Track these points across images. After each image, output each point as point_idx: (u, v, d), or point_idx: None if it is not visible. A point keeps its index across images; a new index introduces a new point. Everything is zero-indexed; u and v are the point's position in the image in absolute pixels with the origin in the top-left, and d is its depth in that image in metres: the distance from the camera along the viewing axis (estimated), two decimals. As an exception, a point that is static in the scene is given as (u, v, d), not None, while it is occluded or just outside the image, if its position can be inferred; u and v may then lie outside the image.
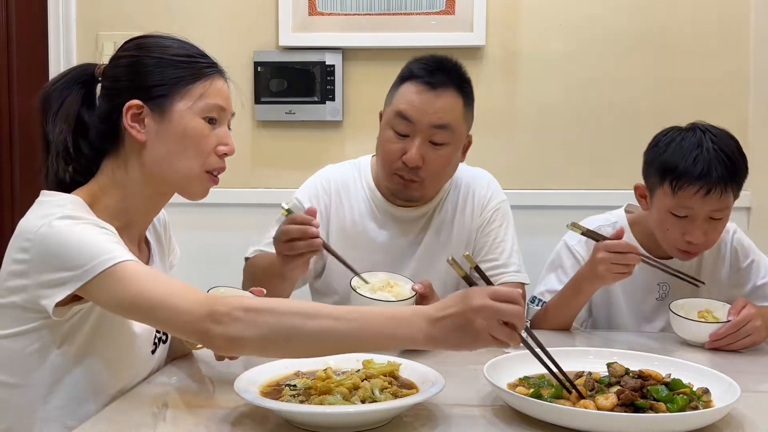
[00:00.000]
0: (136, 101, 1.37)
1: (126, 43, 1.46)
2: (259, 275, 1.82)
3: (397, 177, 1.86)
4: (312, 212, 1.64)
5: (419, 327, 1.17)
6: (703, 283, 1.91)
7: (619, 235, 1.77)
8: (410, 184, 1.86)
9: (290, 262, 1.63)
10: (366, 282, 1.70)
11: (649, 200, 1.89)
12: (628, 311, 1.96)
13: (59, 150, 1.40)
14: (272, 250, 1.70)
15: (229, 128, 1.48)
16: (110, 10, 2.69)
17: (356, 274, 1.70)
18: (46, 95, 1.43)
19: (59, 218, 1.26)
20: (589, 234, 1.79)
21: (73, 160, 1.41)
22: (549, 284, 1.97)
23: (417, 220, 1.98)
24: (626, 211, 2.03)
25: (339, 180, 2.00)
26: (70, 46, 2.67)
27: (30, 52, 2.70)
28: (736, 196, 1.82)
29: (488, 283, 1.32)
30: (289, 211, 1.64)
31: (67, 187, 1.40)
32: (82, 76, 1.44)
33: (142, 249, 1.50)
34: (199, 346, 1.58)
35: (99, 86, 1.44)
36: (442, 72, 1.84)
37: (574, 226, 1.81)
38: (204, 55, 1.45)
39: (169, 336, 1.56)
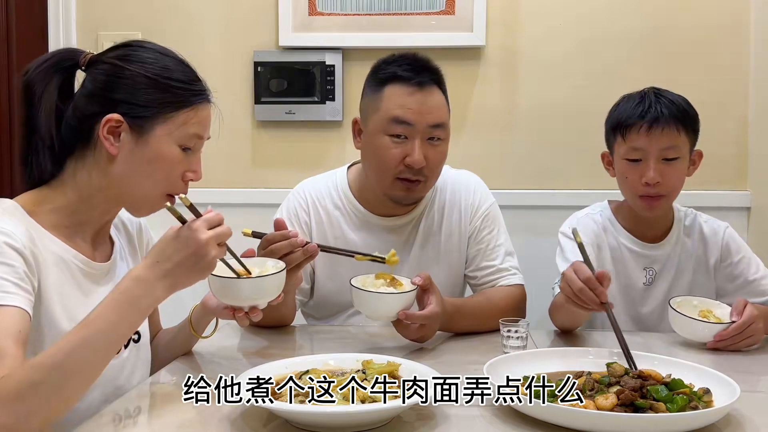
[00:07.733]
0: (116, 116, 1.34)
1: (121, 46, 1.41)
2: None
3: (400, 182, 1.84)
4: (281, 224, 1.64)
5: (148, 283, 1.23)
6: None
7: (602, 276, 1.57)
8: (415, 186, 1.85)
9: (289, 278, 1.60)
10: (382, 259, 1.70)
11: (614, 165, 1.97)
12: (619, 297, 1.98)
13: (46, 143, 1.37)
14: None
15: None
16: (110, 10, 2.69)
17: (374, 257, 1.70)
18: (29, 81, 1.38)
19: None
20: (581, 248, 1.65)
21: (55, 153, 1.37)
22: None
23: (402, 228, 1.95)
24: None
25: (315, 194, 1.97)
26: (70, 46, 2.66)
27: (30, 52, 2.69)
28: (692, 141, 1.91)
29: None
30: (254, 233, 1.62)
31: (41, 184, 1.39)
32: (65, 62, 1.39)
33: (104, 245, 1.48)
34: (206, 335, 1.58)
35: (83, 78, 1.39)
36: (427, 71, 1.84)
37: (575, 234, 1.72)
38: (196, 80, 1.42)
39: (180, 330, 1.58)
